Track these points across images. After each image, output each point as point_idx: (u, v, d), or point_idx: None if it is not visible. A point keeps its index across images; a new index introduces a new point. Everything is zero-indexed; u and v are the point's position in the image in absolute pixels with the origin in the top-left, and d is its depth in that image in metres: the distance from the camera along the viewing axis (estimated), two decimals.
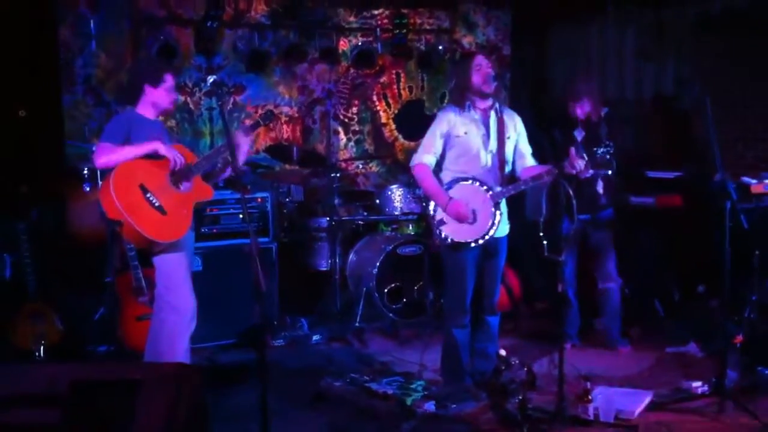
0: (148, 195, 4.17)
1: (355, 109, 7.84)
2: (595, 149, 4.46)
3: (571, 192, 4.34)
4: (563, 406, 4.16)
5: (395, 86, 8.02)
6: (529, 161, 4.74)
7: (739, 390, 4.48)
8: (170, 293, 4.36)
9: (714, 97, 4.48)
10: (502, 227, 4.60)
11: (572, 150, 4.41)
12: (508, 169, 4.68)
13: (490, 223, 4.50)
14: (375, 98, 7.93)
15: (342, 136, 7.78)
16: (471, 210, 4.48)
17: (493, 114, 4.63)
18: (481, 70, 4.53)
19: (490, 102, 4.63)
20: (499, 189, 4.54)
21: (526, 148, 4.77)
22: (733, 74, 6.29)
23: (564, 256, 4.39)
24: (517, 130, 4.73)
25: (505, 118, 4.67)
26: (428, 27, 8.03)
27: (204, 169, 4.44)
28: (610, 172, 5.31)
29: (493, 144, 4.61)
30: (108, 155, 4.20)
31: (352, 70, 7.73)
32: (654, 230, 6.15)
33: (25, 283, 5.39)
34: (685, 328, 5.75)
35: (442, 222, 4.51)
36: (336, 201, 6.40)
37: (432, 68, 8.04)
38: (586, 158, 4.39)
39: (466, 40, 8.21)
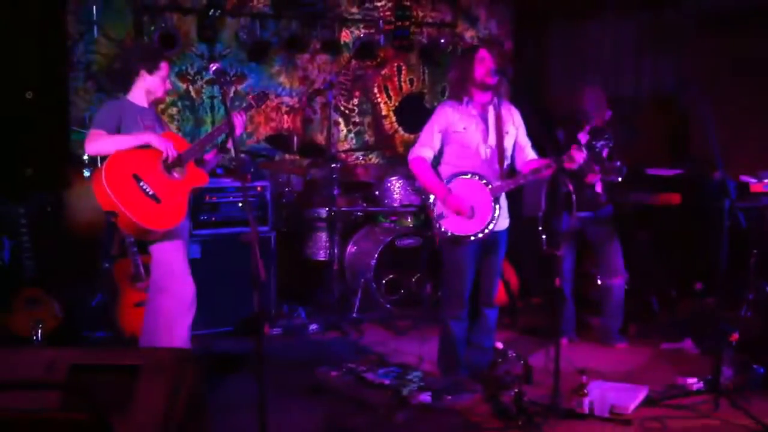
0: (142, 184, 4.14)
1: (355, 101, 7.83)
2: (594, 142, 4.44)
3: (570, 187, 4.34)
4: (558, 400, 4.18)
5: (396, 78, 8.02)
6: (529, 155, 4.74)
7: (734, 387, 4.49)
8: (167, 280, 4.34)
9: (713, 95, 4.48)
10: (501, 221, 4.61)
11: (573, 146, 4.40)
12: (507, 163, 4.68)
13: (489, 218, 4.50)
14: (376, 90, 7.93)
15: (342, 127, 7.77)
16: (469, 204, 4.49)
17: (491, 109, 4.63)
18: (485, 63, 4.53)
19: (489, 96, 4.63)
20: (498, 183, 4.55)
21: (526, 142, 4.76)
22: (733, 73, 6.28)
23: (562, 251, 4.39)
24: (515, 124, 4.72)
25: (504, 112, 4.66)
26: (430, 20, 8.03)
27: (196, 155, 4.43)
28: (620, 179, 5.27)
29: (492, 139, 4.61)
30: (99, 143, 4.18)
31: (353, 62, 7.72)
32: (652, 227, 6.16)
33: (24, 268, 5.39)
34: (681, 324, 5.76)
35: (441, 216, 4.51)
36: (335, 192, 6.40)
37: (433, 61, 8.04)
38: (585, 150, 4.37)
39: (468, 34, 8.21)
